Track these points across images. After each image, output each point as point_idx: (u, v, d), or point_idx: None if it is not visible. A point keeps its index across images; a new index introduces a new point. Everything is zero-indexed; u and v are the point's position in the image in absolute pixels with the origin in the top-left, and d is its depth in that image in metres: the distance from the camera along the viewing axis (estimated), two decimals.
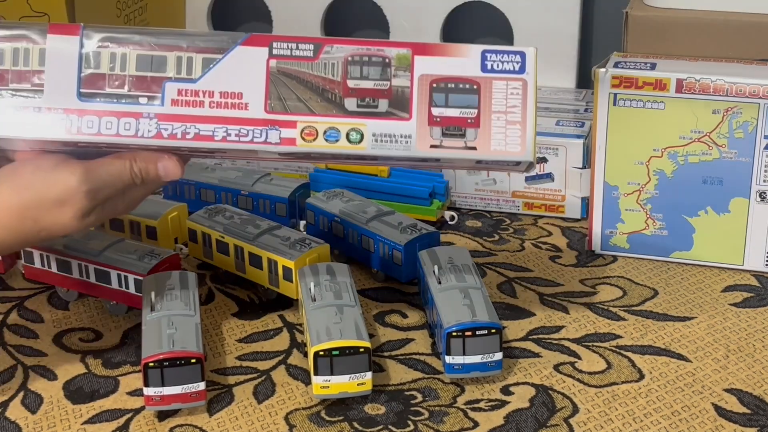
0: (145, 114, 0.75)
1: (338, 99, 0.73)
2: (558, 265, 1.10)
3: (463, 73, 0.74)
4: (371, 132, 0.73)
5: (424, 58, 0.74)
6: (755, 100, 1.01)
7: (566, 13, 1.37)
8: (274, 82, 0.74)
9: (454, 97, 0.73)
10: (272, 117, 0.73)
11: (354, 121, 0.73)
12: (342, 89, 0.74)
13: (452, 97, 0.73)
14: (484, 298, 0.92)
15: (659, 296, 1.04)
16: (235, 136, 0.73)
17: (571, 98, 1.31)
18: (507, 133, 0.72)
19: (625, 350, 0.94)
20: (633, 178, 1.07)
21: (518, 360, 0.93)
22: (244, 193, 1.16)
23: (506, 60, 0.74)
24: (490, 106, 0.73)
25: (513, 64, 0.74)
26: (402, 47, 0.75)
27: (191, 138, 0.75)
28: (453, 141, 0.72)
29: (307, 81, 0.74)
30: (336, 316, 0.89)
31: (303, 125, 0.73)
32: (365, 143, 0.73)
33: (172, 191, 1.21)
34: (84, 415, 0.86)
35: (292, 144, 0.73)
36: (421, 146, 0.72)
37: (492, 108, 0.73)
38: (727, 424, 0.84)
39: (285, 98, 0.74)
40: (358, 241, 1.07)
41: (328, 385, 0.86)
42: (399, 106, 0.73)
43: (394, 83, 0.74)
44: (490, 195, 1.21)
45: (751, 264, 1.07)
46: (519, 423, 0.85)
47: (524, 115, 0.72)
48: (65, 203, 0.79)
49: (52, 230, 0.80)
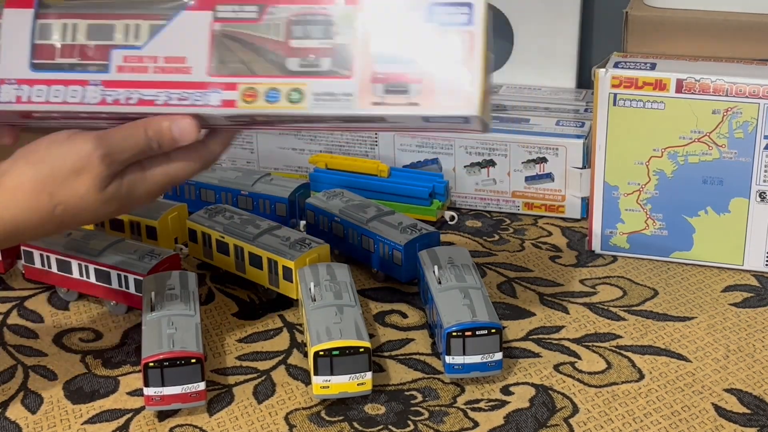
0: (92, 81, 0.75)
1: (281, 59, 0.73)
2: (558, 265, 1.10)
3: None
4: (312, 91, 0.72)
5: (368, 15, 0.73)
6: (755, 100, 1.01)
7: (566, 13, 1.37)
8: (218, 45, 0.73)
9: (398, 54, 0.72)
10: (214, 80, 0.73)
11: (295, 81, 0.72)
12: (284, 49, 0.73)
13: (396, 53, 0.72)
14: (484, 298, 0.92)
15: (659, 296, 1.04)
16: (177, 100, 0.72)
17: (571, 98, 1.31)
18: (451, 87, 0.71)
19: (625, 350, 0.94)
20: (633, 178, 1.07)
21: (518, 360, 0.93)
22: (244, 193, 1.16)
23: (453, 12, 0.72)
24: None
25: (460, 15, 0.72)
26: (346, 3, 0.73)
27: (134, 103, 0.75)
28: (395, 97, 0.70)
29: (250, 43, 0.73)
30: (336, 316, 0.89)
31: (244, 87, 0.72)
32: (306, 103, 0.71)
33: (171, 191, 1.21)
34: (84, 415, 0.86)
35: (233, 106, 0.72)
36: (362, 104, 0.71)
37: None
38: (727, 424, 0.84)
39: (227, 61, 0.73)
40: (358, 241, 1.07)
41: (328, 385, 0.86)
42: (341, 65, 0.72)
43: (337, 41, 0.72)
44: (490, 195, 1.21)
45: (751, 264, 1.07)
46: (519, 423, 0.85)
47: (471, 68, 0.71)
48: (81, 171, 0.75)
49: (69, 204, 0.77)
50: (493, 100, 1.29)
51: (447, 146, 1.20)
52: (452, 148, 1.20)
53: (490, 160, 1.20)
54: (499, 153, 1.19)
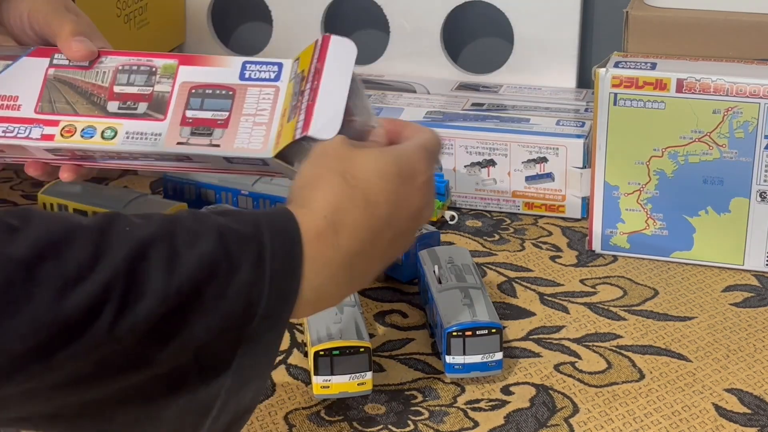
0: None
1: (103, 102, 0.80)
2: (558, 265, 1.10)
3: (222, 80, 0.79)
4: (125, 130, 0.78)
5: (188, 67, 0.80)
6: (755, 99, 1.01)
7: (566, 13, 1.37)
8: (49, 87, 0.81)
9: (209, 102, 0.79)
10: (39, 117, 0.80)
11: (112, 121, 0.79)
12: (108, 94, 0.80)
13: (207, 101, 0.79)
14: (484, 297, 0.92)
15: (659, 296, 1.04)
16: (2, 132, 0.79)
17: (571, 98, 1.31)
18: (252, 132, 0.77)
19: (626, 350, 0.94)
20: (633, 177, 1.07)
21: (518, 360, 0.93)
22: (244, 193, 1.16)
23: (264, 70, 0.79)
24: (241, 110, 0.78)
25: (270, 72, 0.79)
26: (170, 58, 0.81)
27: None
28: (199, 139, 0.77)
29: (79, 87, 0.81)
30: (336, 316, 0.89)
31: (65, 124, 0.79)
32: (117, 139, 0.78)
33: (172, 191, 1.21)
34: None
35: (51, 139, 0.79)
36: (168, 143, 0.77)
37: (243, 111, 0.78)
38: (727, 424, 0.84)
39: (55, 101, 0.80)
40: None
41: (328, 385, 0.86)
42: (157, 109, 0.79)
43: (157, 89, 0.80)
44: (491, 195, 1.21)
45: (752, 264, 1.07)
46: (519, 423, 0.85)
47: (271, 117, 0.77)
48: None
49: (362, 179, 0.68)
50: (494, 99, 1.30)
51: (447, 146, 1.20)
52: (452, 147, 1.20)
53: (491, 159, 1.19)
54: (500, 153, 1.19)
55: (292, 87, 0.77)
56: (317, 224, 0.65)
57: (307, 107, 0.73)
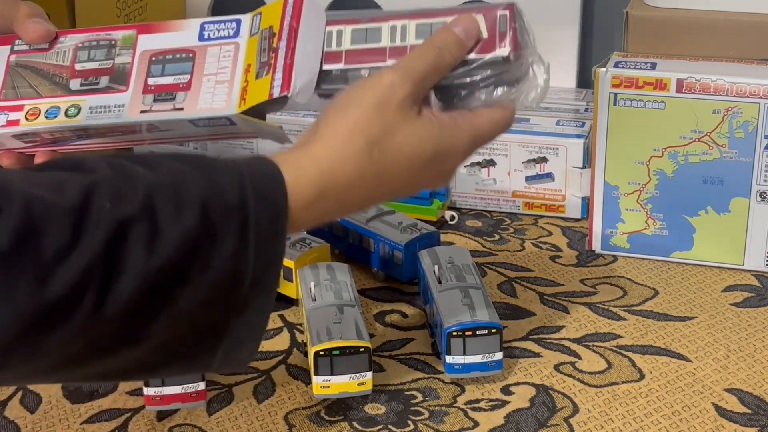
0: None
1: (65, 81, 0.80)
2: (558, 265, 1.10)
3: (181, 44, 0.79)
4: (89, 105, 0.78)
5: (147, 35, 0.80)
6: (755, 99, 1.01)
7: (566, 13, 1.37)
8: (12, 74, 0.81)
9: (170, 66, 0.78)
10: (4, 104, 0.80)
11: (75, 98, 0.79)
12: (69, 72, 0.80)
13: (168, 66, 0.78)
14: (484, 297, 0.92)
15: (659, 296, 1.03)
16: None
17: (571, 98, 1.31)
18: (215, 92, 0.76)
19: (626, 350, 0.94)
20: (633, 177, 1.07)
21: (518, 360, 0.93)
22: None
23: (222, 28, 0.79)
24: (202, 71, 0.77)
25: (228, 30, 0.79)
26: (129, 29, 0.81)
27: None
28: (162, 105, 0.77)
29: (41, 69, 0.81)
30: (336, 316, 0.89)
31: (29, 107, 0.79)
32: (81, 116, 0.78)
33: None
34: (83, 415, 0.86)
35: (16, 125, 0.79)
36: (131, 113, 0.77)
37: (204, 72, 0.77)
38: (727, 424, 0.84)
39: (18, 86, 0.81)
40: (358, 241, 1.07)
41: (329, 385, 0.86)
42: (119, 81, 0.79)
43: (118, 61, 0.79)
44: (491, 195, 1.21)
45: (752, 264, 1.07)
46: (519, 423, 0.85)
47: (233, 74, 0.76)
48: (385, 102, 0.70)
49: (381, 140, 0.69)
50: None
51: None
52: None
53: (491, 159, 1.19)
54: (500, 153, 1.19)
55: (256, 42, 0.76)
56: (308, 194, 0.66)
57: (284, 66, 0.72)
